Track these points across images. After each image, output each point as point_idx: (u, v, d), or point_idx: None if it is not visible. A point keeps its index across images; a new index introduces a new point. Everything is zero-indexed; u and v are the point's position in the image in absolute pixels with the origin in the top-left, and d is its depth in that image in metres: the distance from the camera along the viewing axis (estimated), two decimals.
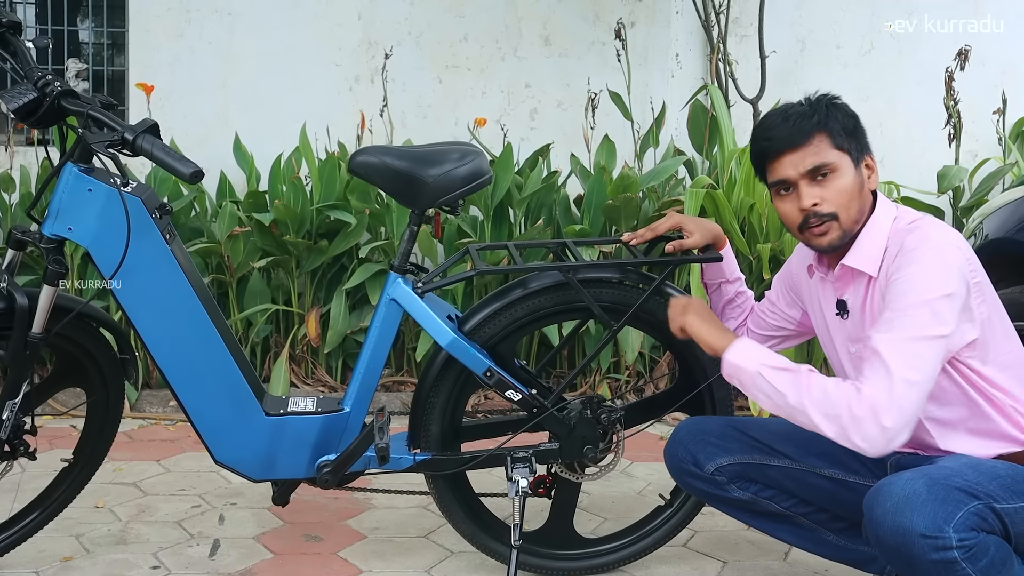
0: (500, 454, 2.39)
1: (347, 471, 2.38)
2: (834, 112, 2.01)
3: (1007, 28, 5.23)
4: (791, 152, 1.99)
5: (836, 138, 1.98)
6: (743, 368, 1.96)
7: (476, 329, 2.38)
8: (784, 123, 2.02)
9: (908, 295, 1.87)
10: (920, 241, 1.92)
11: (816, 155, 1.98)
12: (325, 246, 4.30)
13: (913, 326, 1.84)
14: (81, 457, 2.53)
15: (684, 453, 2.17)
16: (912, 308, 1.86)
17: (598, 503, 3.15)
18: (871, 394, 1.81)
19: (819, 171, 1.98)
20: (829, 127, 1.98)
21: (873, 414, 1.80)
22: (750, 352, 1.99)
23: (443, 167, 2.27)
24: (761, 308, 2.40)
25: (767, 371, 1.92)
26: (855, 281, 2.04)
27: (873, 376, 1.83)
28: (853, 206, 1.99)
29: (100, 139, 1.94)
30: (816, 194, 1.98)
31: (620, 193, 4.22)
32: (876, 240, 1.99)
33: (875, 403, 1.80)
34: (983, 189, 4.69)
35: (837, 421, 1.83)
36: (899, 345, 1.83)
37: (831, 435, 1.85)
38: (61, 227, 2.15)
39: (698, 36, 5.08)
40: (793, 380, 1.90)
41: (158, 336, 2.24)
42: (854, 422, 1.82)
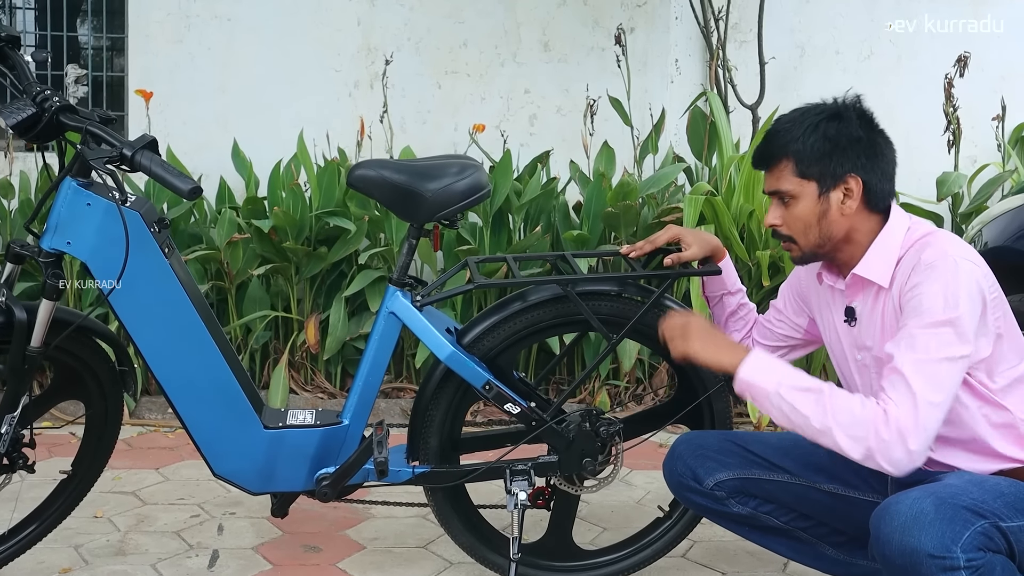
0: (499, 467, 2.39)
1: (346, 484, 2.38)
2: (809, 135, 1.99)
3: (1007, 28, 5.23)
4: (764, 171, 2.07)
5: (801, 165, 1.99)
6: (759, 387, 1.92)
7: (475, 342, 2.38)
8: (764, 140, 2.08)
9: (930, 313, 1.86)
10: (939, 257, 1.91)
11: (777, 181, 2.03)
12: (324, 253, 4.30)
13: (936, 346, 1.83)
14: (79, 469, 2.53)
15: (683, 468, 2.17)
16: (934, 327, 1.84)
17: (597, 512, 3.15)
18: (898, 417, 1.80)
19: (779, 196, 2.03)
20: (797, 153, 1.99)
21: (900, 437, 1.80)
22: (766, 369, 1.94)
23: (442, 181, 2.26)
24: (767, 318, 2.39)
25: (787, 391, 1.89)
26: (865, 290, 2.03)
27: (898, 398, 1.82)
28: (811, 233, 2.01)
29: (99, 155, 1.94)
30: (778, 215, 2.04)
31: (619, 200, 4.22)
32: (888, 251, 1.99)
33: (902, 426, 1.80)
34: (982, 195, 4.69)
35: (863, 443, 1.82)
36: (922, 366, 1.82)
37: (855, 457, 1.84)
38: (60, 241, 2.14)
39: (697, 41, 5.07)
40: (816, 401, 1.87)
41: (156, 349, 2.24)
42: (881, 445, 1.81)
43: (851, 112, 2.04)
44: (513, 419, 2.40)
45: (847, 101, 2.06)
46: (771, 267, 4.22)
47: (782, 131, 2.03)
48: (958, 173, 4.75)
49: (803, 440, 2.16)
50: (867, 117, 2.06)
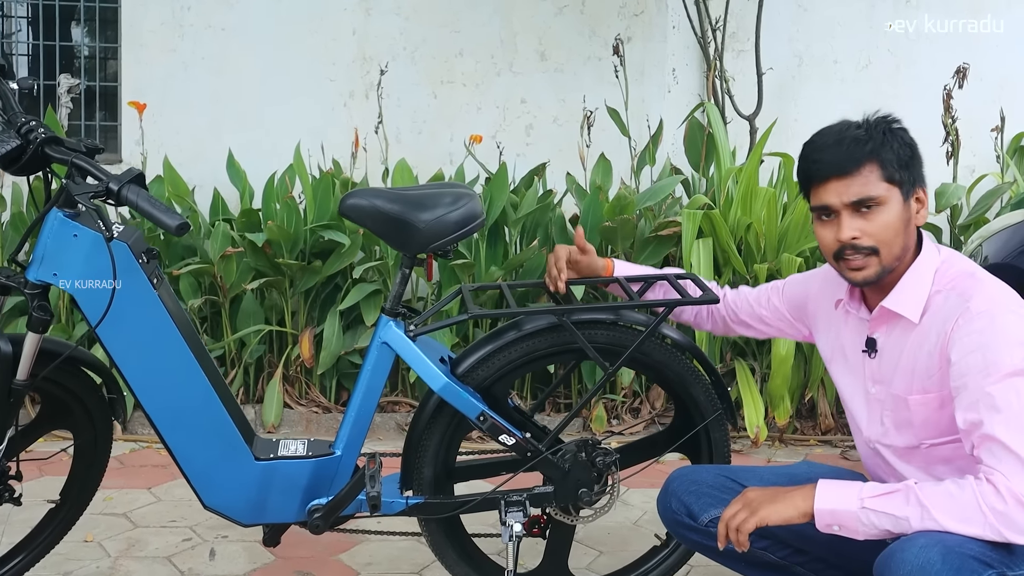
0: (494, 498, 2.36)
1: (338, 515, 2.35)
2: (890, 140, 1.91)
3: (1006, 29, 5.20)
4: (838, 179, 1.90)
5: (888, 169, 1.89)
6: (842, 511, 1.83)
7: (470, 372, 2.35)
8: (836, 146, 1.92)
9: (997, 366, 1.78)
10: (990, 304, 1.84)
11: (864, 186, 1.89)
12: (319, 266, 4.27)
13: (1016, 399, 1.77)
14: (68, 498, 2.50)
15: (677, 505, 2.13)
16: (1007, 378, 1.77)
17: (593, 535, 3.12)
18: (1009, 486, 1.73)
19: (864, 203, 1.89)
20: (882, 157, 1.89)
21: (1019, 504, 1.72)
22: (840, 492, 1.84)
23: (435, 212, 2.23)
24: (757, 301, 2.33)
25: (872, 502, 1.81)
26: (890, 323, 1.97)
27: (1005, 467, 1.74)
28: (896, 242, 1.91)
29: (84, 190, 1.90)
30: (857, 227, 1.90)
31: (616, 214, 4.19)
32: (920, 284, 1.92)
33: (1017, 492, 1.72)
34: (981, 207, 4.65)
35: (983, 522, 1.74)
36: (1013, 424, 1.76)
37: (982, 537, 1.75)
38: (46, 273, 2.10)
39: (695, 51, 5.04)
40: (907, 499, 1.79)
41: (145, 381, 2.20)
42: (1002, 518, 1.73)
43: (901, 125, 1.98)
44: (508, 450, 2.36)
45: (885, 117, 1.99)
46: (769, 280, 4.18)
47: (859, 138, 1.90)
48: (957, 184, 4.72)
49: (800, 476, 2.14)
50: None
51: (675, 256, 4.37)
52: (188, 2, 4.85)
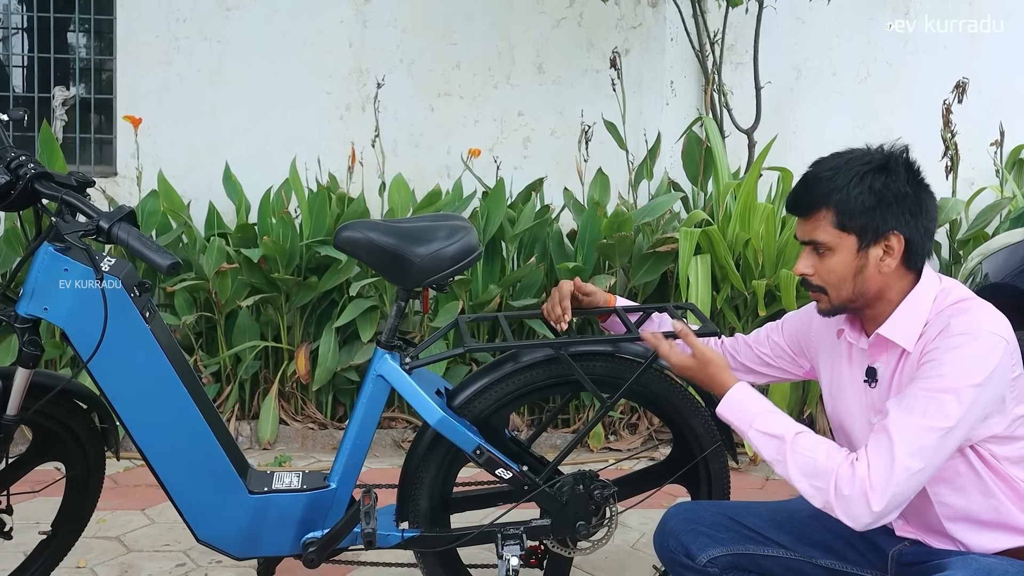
0: (490, 531, 2.33)
1: (333, 548, 2.32)
2: (855, 185, 1.88)
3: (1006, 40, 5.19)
4: (799, 217, 1.97)
5: (842, 217, 1.89)
6: (734, 424, 1.98)
7: (466, 404, 2.32)
8: (803, 184, 1.95)
9: (941, 379, 1.80)
10: (970, 327, 1.83)
11: (814, 231, 1.92)
12: (315, 282, 4.24)
13: (934, 413, 1.78)
14: (60, 529, 2.47)
15: (675, 544, 2.10)
16: (939, 392, 1.79)
17: (591, 559, 3.09)
18: (865, 476, 1.78)
19: (815, 246, 1.94)
20: (839, 204, 1.89)
21: (863, 496, 1.77)
22: (742, 408, 1.96)
23: (431, 246, 2.20)
24: (757, 342, 2.32)
25: (754, 434, 1.93)
26: (888, 351, 1.96)
27: (875, 458, 1.78)
28: (844, 287, 1.93)
29: (74, 229, 1.88)
30: (810, 264, 1.95)
31: (614, 231, 4.16)
32: (916, 314, 1.92)
33: (868, 486, 1.77)
34: (980, 222, 4.63)
35: (823, 495, 1.82)
36: (912, 430, 1.78)
37: (816, 504, 1.85)
38: (36, 307, 2.08)
39: (692, 63, 5.01)
40: (778, 448, 1.88)
41: (137, 416, 2.17)
42: (840, 500, 1.80)
43: (899, 165, 1.90)
44: (505, 483, 2.34)
45: (895, 152, 1.93)
46: (767, 295, 4.17)
47: (824, 178, 1.91)
48: (956, 199, 4.70)
49: (799, 512, 2.12)
50: (915, 171, 1.93)
51: (673, 272, 4.35)
52: (184, 14, 4.83)
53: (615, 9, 4.92)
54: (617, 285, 4.32)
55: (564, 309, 2.32)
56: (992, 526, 1.91)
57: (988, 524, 1.91)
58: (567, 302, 2.33)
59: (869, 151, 1.95)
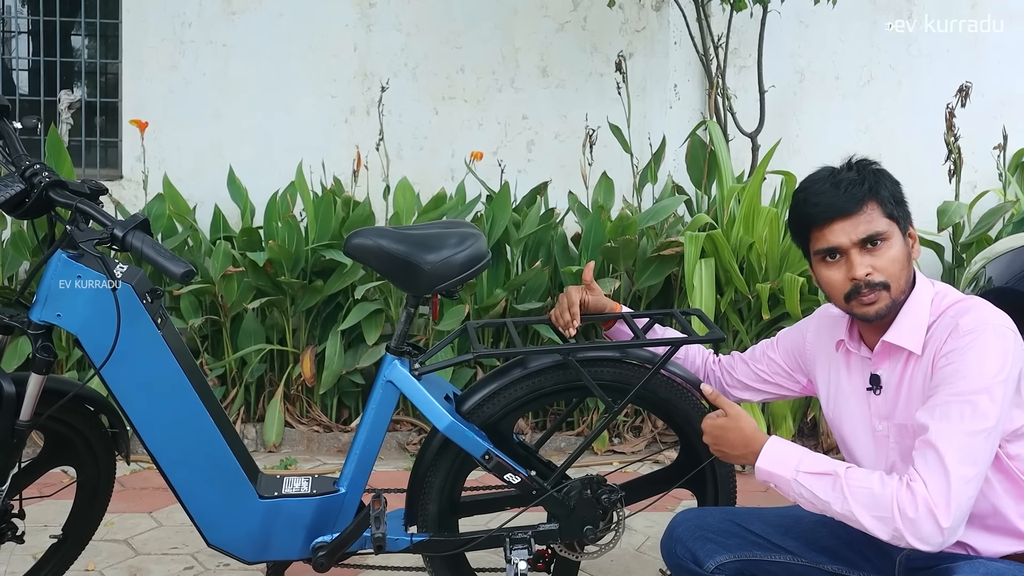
0: (498, 535, 2.35)
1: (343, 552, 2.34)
2: (882, 179, 1.94)
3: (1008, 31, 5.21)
4: (842, 219, 1.92)
5: (886, 206, 1.92)
6: (777, 475, 1.90)
7: (475, 409, 2.34)
8: (834, 189, 1.94)
9: (966, 380, 1.81)
10: (979, 324, 1.85)
11: (869, 223, 1.91)
12: (320, 285, 4.26)
13: (972, 417, 1.78)
14: (71, 533, 2.48)
15: (682, 551, 2.11)
16: (971, 394, 1.79)
17: (598, 563, 3.10)
18: (926, 494, 1.75)
19: (871, 240, 1.91)
20: (880, 195, 1.92)
21: (930, 514, 1.75)
22: (782, 457, 1.90)
23: (441, 253, 2.21)
24: (754, 359, 2.33)
25: (804, 478, 1.86)
26: (892, 357, 1.97)
27: (929, 475, 1.77)
28: (903, 275, 1.94)
29: (88, 237, 1.90)
30: (868, 263, 1.91)
31: (619, 234, 4.18)
32: (919, 317, 1.93)
33: (932, 503, 1.75)
34: (983, 225, 4.65)
35: (890, 524, 1.77)
36: (956, 439, 1.77)
37: (884, 538, 1.79)
38: (50, 313, 2.09)
39: (696, 66, 5.03)
40: (833, 485, 1.83)
41: (149, 421, 2.18)
42: (908, 524, 1.76)
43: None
44: (513, 488, 2.35)
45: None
46: (771, 299, 4.18)
47: (854, 180, 1.93)
48: (959, 203, 4.71)
49: (805, 517, 2.13)
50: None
51: (677, 275, 4.37)
52: (189, 18, 4.84)
53: (619, 13, 4.93)
54: (621, 289, 4.34)
55: (573, 315, 2.33)
56: (1000, 530, 1.92)
57: (996, 528, 1.92)
58: (576, 308, 2.34)
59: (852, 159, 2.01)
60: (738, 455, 1.98)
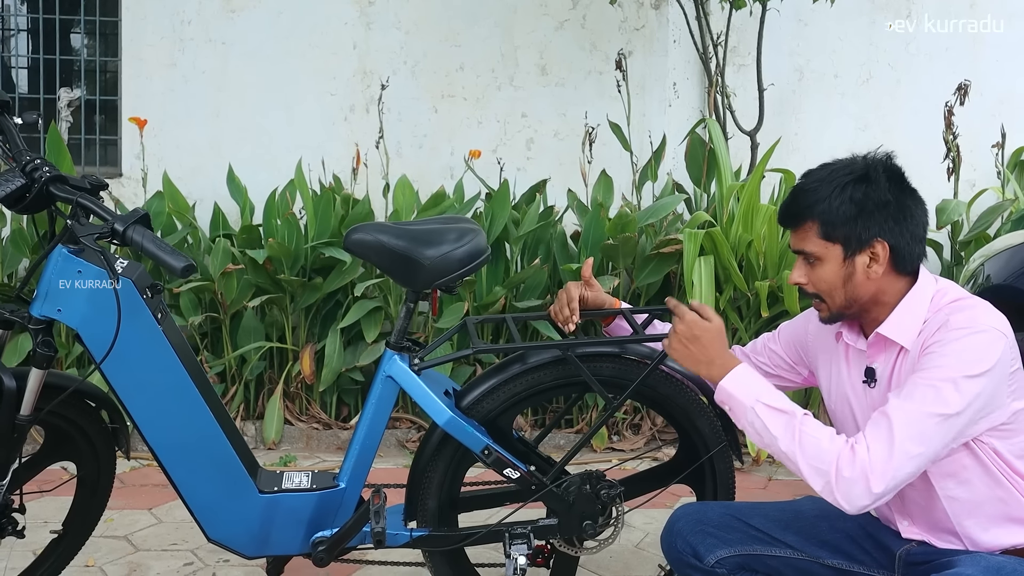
0: (498, 530, 2.35)
1: (342, 547, 2.34)
2: (836, 197, 1.92)
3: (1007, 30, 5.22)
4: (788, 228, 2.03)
5: (826, 228, 1.93)
6: (737, 399, 1.94)
7: (474, 404, 2.34)
8: (792, 198, 2.00)
9: (940, 369, 1.83)
10: (970, 323, 1.87)
11: (802, 241, 1.98)
12: (320, 283, 4.26)
13: (933, 401, 1.81)
14: (71, 528, 2.49)
15: (683, 545, 2.12)
16: (938, 382, 1.82)
17: (596, 558, 3.11)
18: (866, 459, 1.80)
19: (805, 256, 1.99)
20: (822, 215, 1.93)
21: (864, 478, 1.79)
22: (747, 384, 1.95)
23: (441, 248, 2.22)
24: (756, 352, 2.35)
25: (762, 409, 1.90)
26: (887, 350, 1.99)
27: (874, 441, 1.81)
28: (837, 294, 1.96)
29: (89, 231, 1.90)
30: (804, 274, 2.00)
31: (618, 232, 4.18)
32: (914, 313, 1.95)
33: (868, 468, 1.79)
34: (982, 223, 4.66)
35: (824, 476, 1.82)
36: (911, 416, 1.81)
37: (815, 487, 1.85)
38: (50, 308, 2.09)
39: (695, 64, 5.04)
40: (787, 424, 1.87)
41: (150, 417, 2.19)
42: (841, 482, 1.81)
43: (880, 173, 1.93)
44: (512, 483, 2.36)
45: (877, 159, 1.97)
46: (770, 297, 4.19)
47: (809, 191, 1.95)
48: (958, 201, 4.72)
49: (806, 513, 2.14)
50: (897, 177, 1.95)
51: (676, 273, 4.37)
52: (188, 16, 4.84)
53: (618, 11, 4.93)
54: (621, 286, 4.34)
55: (572, 311, 2.34)
56: (998, 521, 1.93)
57: (995, 519, 1.93)
58: (575, 304, 2.35)
59: (853, 161, 1.98)
60: (704, 362, 1.99)
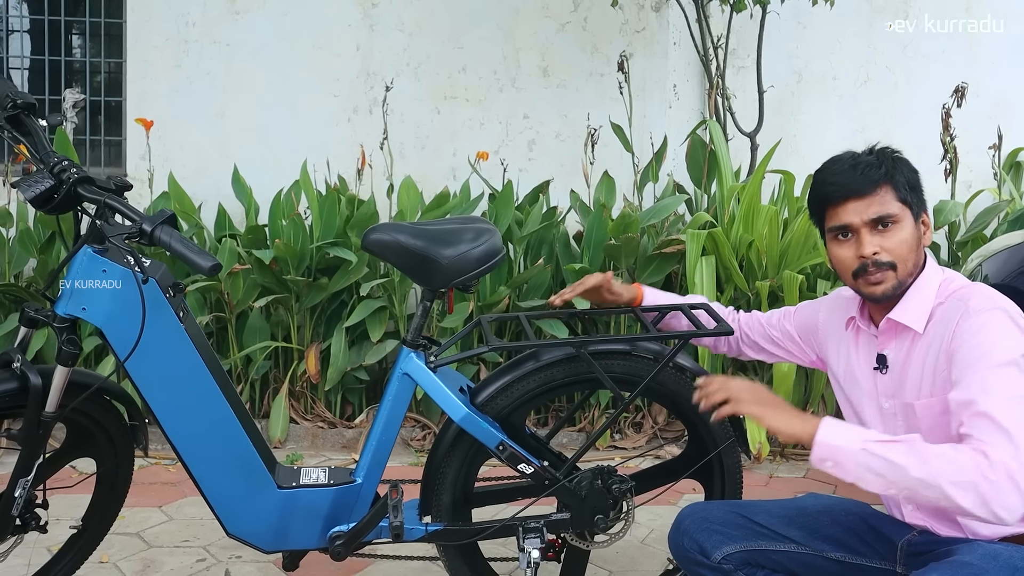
0: (511, 524, 2.40)
1: (359, 541, 2.39)
2: (899, 165, 2.01)
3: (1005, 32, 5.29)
4: (856, 199, 2.00)
5: (900, 191, 1.99)
6: (843, 448, 1.84)
7: (488, 401, 2.39)
8: (852, 170, 2.02)
9: (990, 356, 1.86)
10: (987, 303, 1.92)
11: (881, 205, 1.99)
12: (325, 283, 4.30)
13: (1010, 385, 1.82)
14: (90, 523, 2.53)
15: (690, 543, 2.16)
16: (1001, 366, 1.85)
17: (603, 554, 3.16)
18: (1001, 459, 1.74)
19: (882, 221, 1.99)
20: (895, 179, 1.99)
21: (1009, 478, 1.73)
22: (845, 430, 1.88)
23: (458, 248, 2.27)
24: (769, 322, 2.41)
25: (874, 446, 1.82)
26: (899, 336, 2.04)
27: (994, 440, 1.77)
28: (910, 259, 2.01)
29: (118, 231, 1.94)
30: (877, 243, 1.99)
31: (620, 232, 4.23)
32: (925, 298, 2.00)
33: (1009, 467, 1.74)
34: (979, 224, 4.72)
35: (974, 489, 1.74)
36: (1006, 405, 1.80)
37: (968, 505, 1.75)
38: (75, 307, 2.13)
39: (695, 66, 5.09)
40: (909, 451, 1.80)
41: (172, 413, 2.23)
42: (992, 489, 1.74)
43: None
44: (526, 478, 2.41)
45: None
46: (770, 296, 4.24)
47: (872, 163, 2.01)
48: (955, 202, 4.78)
49: (808, 508, 2.19)
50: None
51: (678, 273, 4.42)
52: (193, 18, 4.88)
53: (619, 14, 4.99)
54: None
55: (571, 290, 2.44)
56: None
57: None
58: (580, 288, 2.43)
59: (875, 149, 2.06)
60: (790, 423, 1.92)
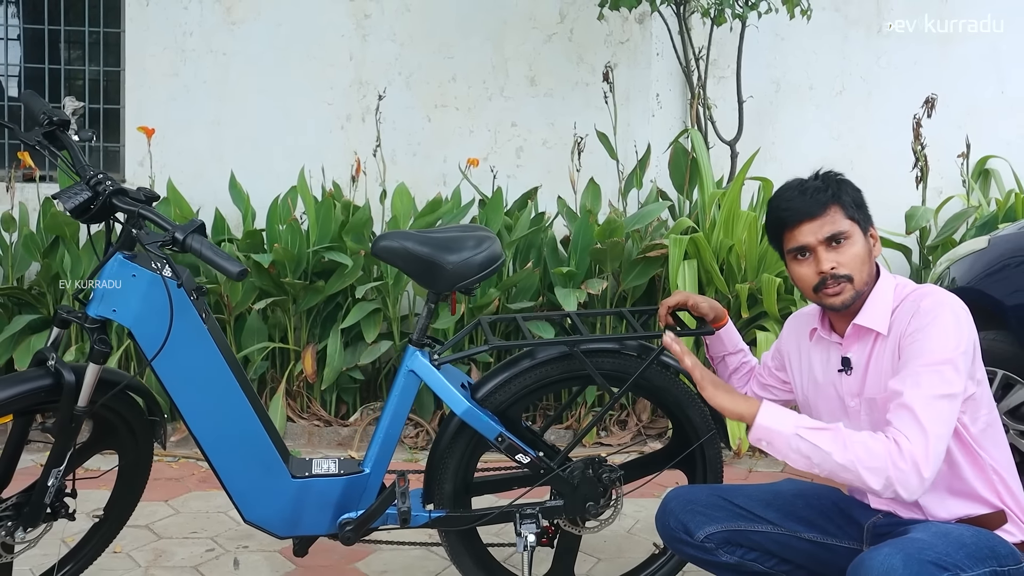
0: (509, 511, 2.58)
1: (368, 527, 2.55)
2: (844, 187, 2.23)
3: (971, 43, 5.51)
4: (809, 221, 2.19)
5: (848, 209, 2.20)
6: (777, 431, 2.06)
7: (488, 396, 2.56)
8: (801, 196, 2.22)
9: (931, 353, 2.06)
10: (937, 305, 2.12)
11: (833, 224, 2.19)
12: (321, 286, 4.46)
13: (939, 383, 2.04)
14: (111, 513, 2.68)
15: (675, 523, 2.35)
16: (937, 365, 2.05)
17: (591, 543, 3.33)
18: (911, 449, 1.98)
19: (835, 238, 2.19)
20: (842, 199, 2.20)
21: (915, 467, 1.98)
22: (781, 415, 2.11)
23: (461, 254, 2.45)
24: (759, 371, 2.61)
25: (805, 432, 2.03)
26: (862, 339, 2.24)
27: (909, 432, 2.00)
28: (864, 270, 2.21)
29: (153, 239, 2.10)
30: (833, 258, 2.19)
31: (606, 237, 4.41)
32: (884, 302, 2.21)
33: (916, 457, 1.98)
34: (948, 229, 4.92)
35: (883, 474, 1.97)
36: (929, 402, 2.02)
37: (874, 487, 1.98)
38: (106, 309, 2.29)
39: (678, 77, 5.28)
40: (833, 437, 2.01)
41: (195, 408, 2.38)
42: (900, 475, 1.98)
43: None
44: (523, 467, 2.58)
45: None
46: (749, 298, 4.43)
47: (819, 187, 2.22)
48: (925, 208, 4.98)
49: (783, 493, 2.38)
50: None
51: (661, 276, 4.61)
52: (190, 28, 5.03)
53: (604, 25, 5.16)
54: (608, 289, 4.57)
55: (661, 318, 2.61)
56: (956, 493, 2.17)
57: (953, 492, 2.17)
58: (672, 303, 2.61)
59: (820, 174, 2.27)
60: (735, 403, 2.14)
